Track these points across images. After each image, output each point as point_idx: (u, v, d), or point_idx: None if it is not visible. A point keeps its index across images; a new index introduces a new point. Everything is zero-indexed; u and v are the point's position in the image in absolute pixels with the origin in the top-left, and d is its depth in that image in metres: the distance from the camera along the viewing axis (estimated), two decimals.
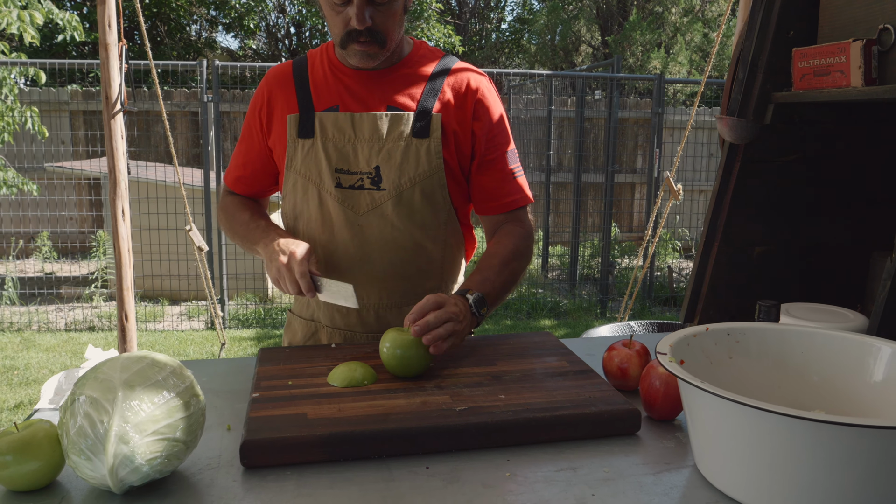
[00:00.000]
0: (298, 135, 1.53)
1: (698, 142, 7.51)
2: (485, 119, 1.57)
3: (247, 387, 1.33)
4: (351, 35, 1.44)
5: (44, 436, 0.95)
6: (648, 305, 6.58)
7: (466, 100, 1.55)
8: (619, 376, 1.29)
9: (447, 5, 15.26)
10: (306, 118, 1.53)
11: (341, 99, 1.54)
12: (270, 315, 5.96)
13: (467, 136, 1.56)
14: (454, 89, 1.55)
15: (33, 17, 5.17)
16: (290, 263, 1.41)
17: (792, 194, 1.83)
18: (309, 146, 1.53)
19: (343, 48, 1.47)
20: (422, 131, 1.51)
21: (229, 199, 1.72)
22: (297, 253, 1.41)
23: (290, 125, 1.54)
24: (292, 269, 1.40)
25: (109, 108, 3.21)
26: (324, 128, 1.52)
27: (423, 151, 1.52)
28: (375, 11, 1.42)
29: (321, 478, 0.99)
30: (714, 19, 12.40)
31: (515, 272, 1.54)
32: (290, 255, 1.41)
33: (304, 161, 1.54)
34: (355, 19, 1.40)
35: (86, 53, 12.12)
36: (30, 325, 5.75)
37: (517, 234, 1.59)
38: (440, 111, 1.53)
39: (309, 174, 1.54)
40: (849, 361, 1.11)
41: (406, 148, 1.51)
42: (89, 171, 6.25)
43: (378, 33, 1.44)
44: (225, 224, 1.70)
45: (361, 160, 1.52)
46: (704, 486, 0.99)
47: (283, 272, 1.41)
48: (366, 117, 1.51)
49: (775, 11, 1.71)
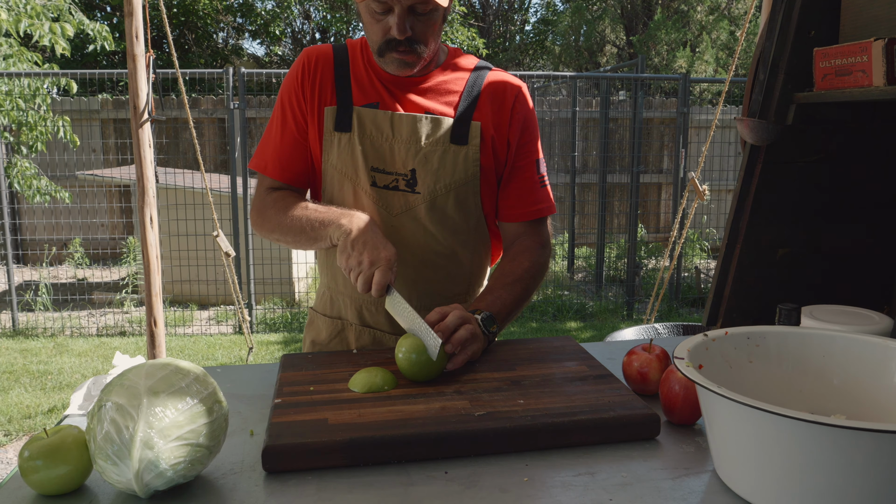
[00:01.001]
0: (336, 128, 1.52)
1: (725, 141, 7.43)
2: (521, 128, 1.58)
3: (270, 392, 1.35)
4: (390, 44, 1.43)
5: (72, 441, 0.98)
6: (675, 307, 6.52)
7: (504, 108, 1.55)
8: (638, 381, 1.29)
9: (470, 8, 15.28)
10: (344, 111, 1.51)
11: (381, 97, 1.53)
12: (297, 319, 6.02)
13: (503, 143, 1.56)
14: (492, 97, 1.55)
15: (64, 28, 5.29)
16: (373, 269, 1.35)
17: (815, 195, 1.81)
18: (346, 141, 1.51)
19: (381, 56, 1.47)
20: (460, 138, 1.51)
21: (274, 194, 1.57)
22: (384, 262, 1.35)
23: (328, 117, 1.52)
24: (374, 275, 1.35)
25: (137, 118, 3.27)
26: (362, 123, 1.51)
27: (461, 158, 1.52)
28: (416, 21, 1.42)
29: (341, 482, 1.01)
30: (740, 17, 12.26)
31: (528, 289, 1.55)
32: (374, 261, 1.35)
33: (340, 156, 1.52)
34: (396, 29, 1.40)
35: (116, 63, 12.35)
36: (63, 330, 5.87)
37: (533, 250, 1.60)
38: (479, 118, 1.53)
39: (345, 169, 1.52)
40: (870, 365, 1.10)
41: (444, 153, 1.51)
42: (119, 179, 6.37)
43: (417, 43, 1.44)
44: (274, 219, 1.54)
45: (398, 161, 1.51)
46: (724, 491, 0.98)
47: (364, 271, 1.35)
48: (405, 118, 1.51)
49: (796, 11, 1.70)
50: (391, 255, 1.38)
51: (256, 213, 1.60)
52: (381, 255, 1.37)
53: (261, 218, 1.58)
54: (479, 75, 1.57)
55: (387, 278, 1.35)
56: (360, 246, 1.38)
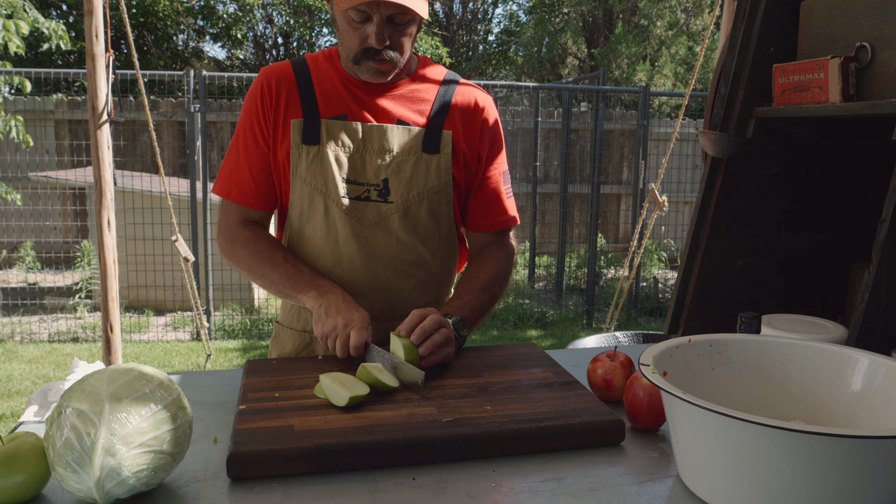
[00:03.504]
0: (303, 141, 1.50)
1: (683, 153, 7.58)
2: (491, 140, 1.61)
3: (233, 399, 1.33)
4: (368, 52, 1.43)
5: (29, 448, 0.95)
6: (634, 316, 6.61)
7: (475, 120, 1.58)
8: (603, 387, 1.30)
9: (435, 17, 15.33)
10: (311, 124, 1.50)
11: (349, 108, 1.52)
12: (256, 326, 5.94)
13: (474, 155, 1.59)
14: (462, 107, 1.57)
15: (19, 26, 5.16)
16: (348, 329, 1.38)
17: (773, 207, 1.86)
18: (315, 153, 1.50)
19: (356, 64, 1.47)
20: (432, 147, 1.53)
21: (246, 232, 1.57)
22: (358, 322, 1.38)
23: (294, 130, 1.50)
24: (350, 336, 1.37)
25: (96, 118, 3.20)
26: (331, 135, 1.50)
27: (434, 167, 1.53)
28: (394, 31, 1.42)
29: (308, 490, 1.00)
30: (698, 33, 12.54)
31: (495, 296, 1.58)
32: (348, 322, 1.38)
33: (309, 169, 1.51)
34: (374, 38, 1.40)
35: (71, 62, 12.08)
36: (12, 336, 5.69)
37: (500, 258, 1.62)
38: (450, 128, 1.55)
39: (314, 182, 1.51)
40: (828, 372, 1.13)
41: (416, 162, 1.52)
42: (74, 181, 6.21)
43: (393, 51, 1.44)
44: (243, 260, 1.55)
45: (370, 171, 1.51)
46: (687, 495, 1.00)
47: (339, 334, 1.38)
48: (375, 128, 1.51)
49: (756, 28, 1.74)
50: (364, 316, 1.40)
51: (226, 241, 1.59)
52: (355, 316, 1.39)
53: (230, 249, 1.58)
54: (450, 86, 1.59)
55: (363, 337, 1.36)
56: (333, 312, 1.40)
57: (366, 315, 1.41)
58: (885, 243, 1.37)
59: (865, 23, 1.51)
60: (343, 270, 1.54)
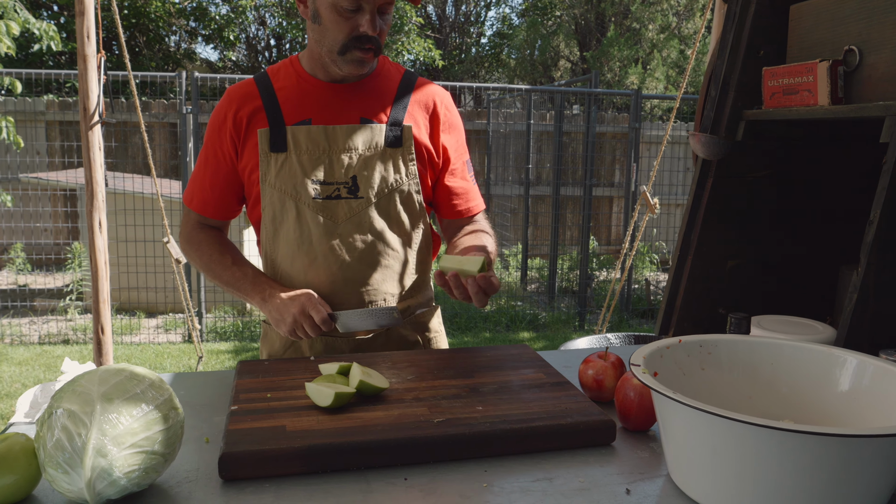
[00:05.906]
0: (271, 149, 1.56)
1: (675, 156, 7.60)
2: (450, 131, 1.68)
3: (225, 399, 1.33)
4: (359, 40, 1.48)
5: (20, 449, 0.95)
6: (626, 318, 6.63)
7: (433, 113, 1.65)
8: (594, 388, 1.31)
9: (427, 20, 15.35)
10: (277, 132, 1.56)
11: (313, 112, 1.57)
12: (248, 328, 5.92)
13: (436, 146, 1.65)
14: (421, 103, 1.64)
15: (9, 26, 5.13)
16: (305, 312, 1.49)
17: (763, 209, 1.87)
18: (282, 160, 1.56)
19: (342, 54, 1.51)
20: (395, 141, 1.59)
21: (201, 235, 1.69)
22: (308, 302, 1.50)
23: (262, 139, 1.56)
24: (312, 316, 1.49)
25: (87, 119, 3.19)
26: (297, 141, 1.55)
27: (399, 160, 1.59)
28: (381, 20, 1.49)
29: (299, 490, 1.00)
30: (690, 36, 12.59)
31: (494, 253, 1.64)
32: (303, 306, 1.49)
33: (279, 175, 1.56)
34: (368, 25, 1.46)
35: (62, 63, 12.03)
36: (2, 338, 5.66)
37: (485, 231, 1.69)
38: (409, 122, 1.61)
39: (284, 188, 1.56)
40: (816, 372, 1.14)
41: (382, 157, 1.58)
42: (65, 183, 6.19)
43: (378, 41, 1.51)
44: (198, 261, 1.68)
45: (337, 170, 1.56)
46: (678, 495, 1.00)
47: (302, 321, 1.49)
48: (339, 129, 1.56)
49: (746, 32, 1.76)
50: (309, 294, 1.53)
51: (185, 243, 1.71)
52: (302, 299, 1.51)
53: (188, 250, 1.71)
54: (408, 83, 1.65)
55: (321, 312, 1.49)
56: (283, 309, 1.52)
57: (309, 293, 1.53)
58: (872, 245, 1.38)
59: (853, 26, 1.52)
60: (318, 268, 1.58)
